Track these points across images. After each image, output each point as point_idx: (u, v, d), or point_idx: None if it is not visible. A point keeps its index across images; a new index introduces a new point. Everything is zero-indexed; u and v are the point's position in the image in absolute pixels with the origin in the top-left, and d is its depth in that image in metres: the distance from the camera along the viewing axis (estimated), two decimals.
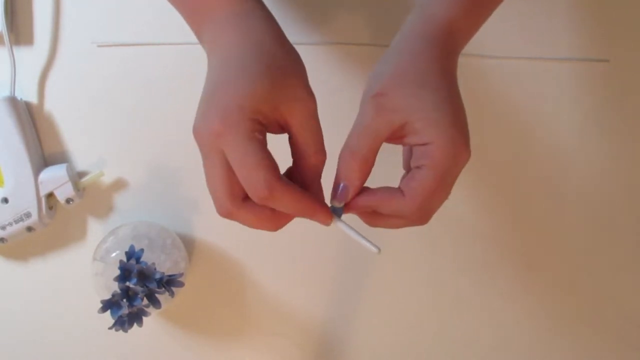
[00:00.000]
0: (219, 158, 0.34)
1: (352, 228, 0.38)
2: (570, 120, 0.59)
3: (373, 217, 0.39)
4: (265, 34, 0.37)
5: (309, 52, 0.57)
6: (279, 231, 0.57)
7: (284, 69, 0.36)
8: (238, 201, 0.35)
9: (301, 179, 0.38)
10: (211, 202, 0.35)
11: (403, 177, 0.39)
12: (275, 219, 0.36)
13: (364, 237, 0.38)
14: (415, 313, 0.62)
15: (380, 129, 0.36)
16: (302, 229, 0.59)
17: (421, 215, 0.37)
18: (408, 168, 0.39)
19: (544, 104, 0.59)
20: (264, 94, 0.34)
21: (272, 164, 0.34)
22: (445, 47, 0.38)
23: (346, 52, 0.58)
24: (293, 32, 0.57)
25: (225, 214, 0.35)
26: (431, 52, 0.37)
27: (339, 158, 0.37)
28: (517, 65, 0.59)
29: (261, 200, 0.33)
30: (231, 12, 0.37)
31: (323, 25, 0.58)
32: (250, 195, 0.34)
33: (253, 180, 0.33)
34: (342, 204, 0.37)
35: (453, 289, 0.61)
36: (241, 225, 0.36)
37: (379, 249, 0.37)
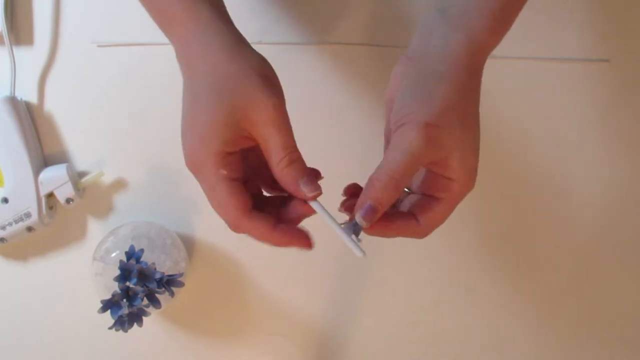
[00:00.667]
0: (214, 182, 0.36)
1: (344, 231, 0.37)
2: (571, 120, 0.59)
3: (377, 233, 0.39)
4: (218, 54, 0.37)
5: (310, 52, 0.57)
6: None
7: (237, 88, 0.36)
8: (247, 212, 0.36)
9: (283, 188, 0.38)
10: None
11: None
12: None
13: (353, 240, 0.37)
14: (415, 313, 0.62)
15: (423, 161, 0.36)
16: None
17: (424, 235, 0.39)
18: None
19: (544, 104, 0.58)
20: (220, 123, 0.35)
21: (238, 201, 0.36)
22: (481, 75, 0.39)
23: (345, 53, 0.58)
24: (293, 33, 0.57)
25: (237, 228, 0.37)
26: (474, 87, 0.38)
27: (373, 178, 0.36)
28: (517, 65, 0.58)
29: (236, 231, 0.37)
30: (189, 31, 0.37)
31: (321, 26, 0.58)
32: (230, 225, 0.37)
33: (223, 216, 0.36)
34: (368, 225, 0.37)
35: (454, 289, 0.61)
36: None
37: (364, 253, 0.37)
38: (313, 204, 0.37)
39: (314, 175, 0.38)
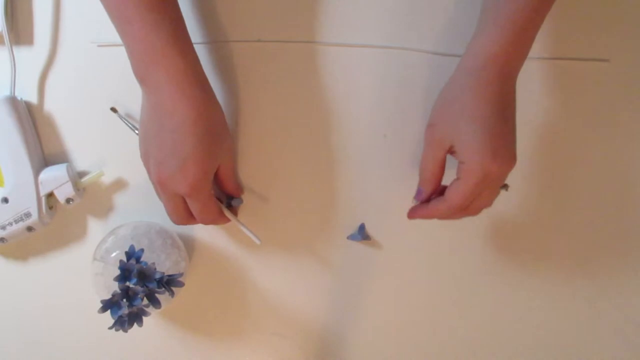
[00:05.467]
0: (180, 200, 0.50)
1: (238, 220, 0.56)
2: (570, 120, 0.59)
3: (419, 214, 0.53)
4: (203, 105, 0.47)
5: (309, 51, 0.57)
6: (280, 232, 0.57)
7: (219, 134, 0.49)
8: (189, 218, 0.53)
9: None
10: None
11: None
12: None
13: (248, 229, 0.55)
14: (415, 312, 0.62)
15: (435, 153, 0.49)
16: (302, 228, 0.59)
17: (465, 212, 0.49)
18: None
19: (544, 104, 0.58)
20: (214, 164, 0.50)
21: (219, 208, 0.54)
22: (497, 77, 0.46)
23: (345, 53, 0.58)
24: (293, 32, 0.57)
25: (182, 223, 0.53)
26: (476, 87, 0.46)
27: (420, 171, 0.51)
28: None
29: (209, 224, 0.54)
30: (175, 70, 0.46)
31: (321, 25, 0.58)
32: (202, 222, 0.53)
33: (209, 219, 0.53)
34: (417, 203, 0.52)
35: (454, 289, 0.61)
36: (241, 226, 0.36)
37: (260, 241, 0.55)
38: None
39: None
